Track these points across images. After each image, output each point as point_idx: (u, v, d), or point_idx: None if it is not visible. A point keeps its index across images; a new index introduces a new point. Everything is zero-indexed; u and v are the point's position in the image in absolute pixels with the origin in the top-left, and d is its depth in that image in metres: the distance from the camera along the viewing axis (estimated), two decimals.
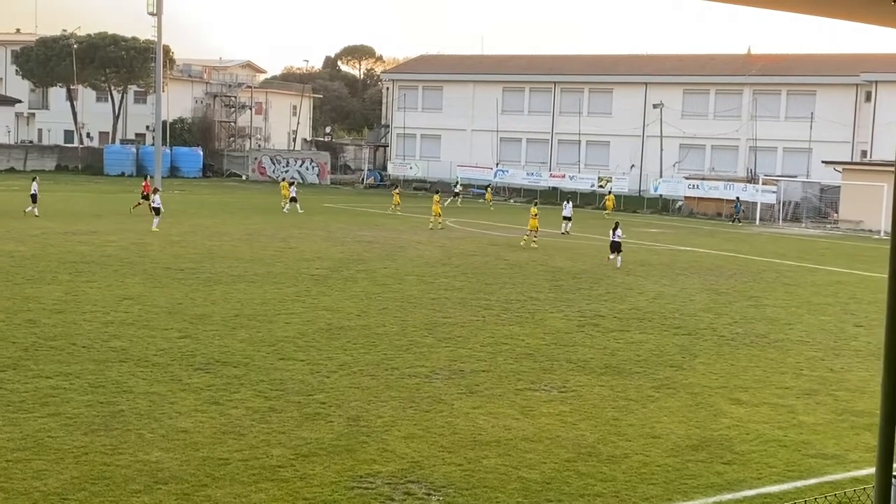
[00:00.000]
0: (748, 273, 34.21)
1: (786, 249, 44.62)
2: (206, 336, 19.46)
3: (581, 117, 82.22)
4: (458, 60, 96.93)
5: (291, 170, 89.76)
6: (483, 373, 17.36)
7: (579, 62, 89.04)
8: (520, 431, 13.89)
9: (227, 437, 13.06)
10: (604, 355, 19.35)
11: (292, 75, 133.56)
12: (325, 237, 40.22)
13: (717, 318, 24.45)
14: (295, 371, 16.85)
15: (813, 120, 72.10)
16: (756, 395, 16.58)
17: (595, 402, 15.67)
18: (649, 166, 78.41)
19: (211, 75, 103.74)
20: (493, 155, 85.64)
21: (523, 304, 25.26)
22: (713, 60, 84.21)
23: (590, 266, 34.10)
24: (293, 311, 22.64)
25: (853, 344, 21.72)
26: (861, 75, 71.14)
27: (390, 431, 13.60)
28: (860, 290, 30.83)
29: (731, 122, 76.87)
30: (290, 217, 50.09)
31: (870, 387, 17.27)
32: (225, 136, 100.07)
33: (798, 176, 70.55)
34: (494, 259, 34.99)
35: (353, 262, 32.41)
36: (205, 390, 15.33)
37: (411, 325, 21.65)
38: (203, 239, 37.44)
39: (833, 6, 6.30)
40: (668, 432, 14.18)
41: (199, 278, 27.24)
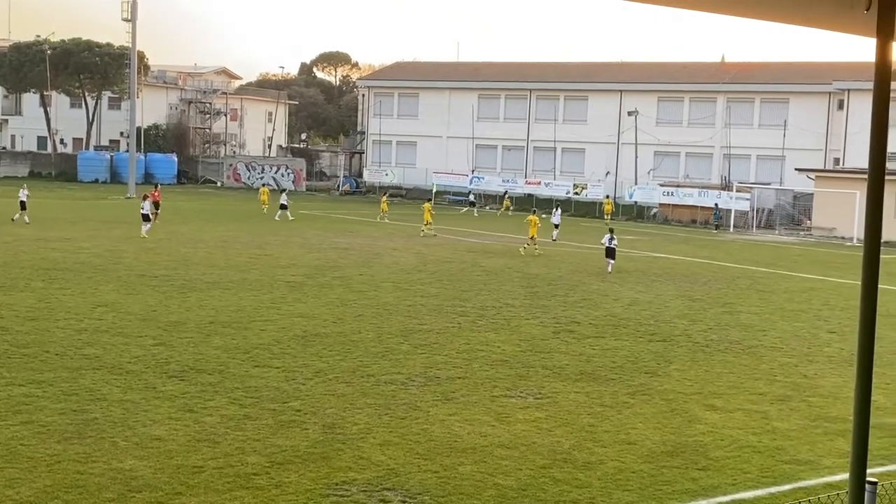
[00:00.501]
0: (722, 280, 34.40)
1: (760, 256, 44.89)
2: (181, 343, 19.36)
3: (556, 124, 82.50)
4: (434, 67, 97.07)
5: (266, 176, 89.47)
6: (459, 379, 17.35)
7: (555, 69, 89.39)
8: (495, 438, 13.89)
9: (202, 444, 12.99)
10: (579, 362, 19.39)
11: (268, 82, 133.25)
12: (301, 244, 40.12)
13: (692, 324, 24.55)
14: (270, 378, 16.79)
15: (786, 128, 72.68)
16: (730, 402, 16.66)
17: (570, 409, 15.70)
18: (624, 173, 78.74)
19: (186, 81, 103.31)
20: (468, 162, 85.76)
21: (499, 310, 25.29)
22: (687, 68, 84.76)
23: (565, 273, 34.18)
24: (268, 318, 22.56)
25: (826, 350, 21.86)
26: (833, 83, 71.78)
27: (366, 439, 13.57)
28: (833, 297, 31.06)
29: (706, 130, 77.35)
30: (266, 224, 49.95)
31: (843, 393, 17.39)
32: (200, 142, 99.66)
33: (771, 183, 71.07)
34: (470, 266, 35.02)
35: (329, 268, 32.35)
36: (179, 398, 15.24)
37: (387, 331, 21.62)
38: (178, 246, 37.25)
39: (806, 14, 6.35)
40: (643, 438, 14.22)
41: (174, 285, 27.10)
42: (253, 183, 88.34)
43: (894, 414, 16.20)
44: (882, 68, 6.10)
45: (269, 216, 55.42)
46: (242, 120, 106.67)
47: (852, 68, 72.56)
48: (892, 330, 24.57)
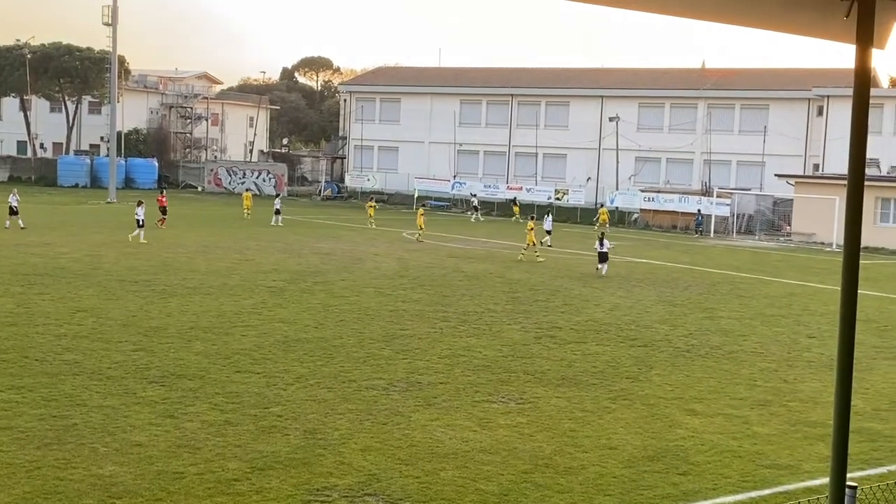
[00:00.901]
0: (703, 285, 34.52)
1: (740, 262, 45.09)
2: (161, 349, 19.28)
3: (538, 130, 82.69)
4: (416, 73, 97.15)
5: (248, 181, 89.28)
6: (440, 385, 17.35)
7: (536, 75, 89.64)
8: (477, 443, 13.89)
9: (182, 450, 12.93)
10: (561, 367, 19.42)
11: (249, 87, 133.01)
12: (282, 249, 40.03)
13: (673, 329, 24.63)
14: (251, 384, 16.73)
15: (766, 134, 73.08)
16: (711, 406, 16.72)
17: (552, 414, 15.71)
18: (605, 179, 78.98)
19: (167, 86, 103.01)
20: (450, 167, 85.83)
21: (481, 315, 25.30)
22: (668, 74, 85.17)
23: (547, 278, 34.23)
24: (249, 324, 22.49)
25: (806, 355, 21.97)
26: (813, 90, 72.24)
27: (347, 444, 13.54)
28: (813, 302, 31.22)
29: (686, 136, 77.68)
30: (247, 229, 49.82)
31: (822, 397, 17.48)
32: (180, 147, 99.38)
33: (752, 189, 71.42)
34: (452, 271, 35.02)
35: (311, 274, 32.29)
36: (159, 403, 15.17)
37: (369, 337, 21.60)
38: (158, 251, 37.11)
39: (786, 21, 6.38)
40: (624, 443, 14.25)
41: (154, 290, 26.99)
42: (234, 188, 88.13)
43: (874, 419, 16.29)
44: (861, 75, 6.14)
45: (252, 221, 55.29)
46: (223, 125, 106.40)
47: (832, 74, 73.09)
48: (872, 335, 24.73)
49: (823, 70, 77.29)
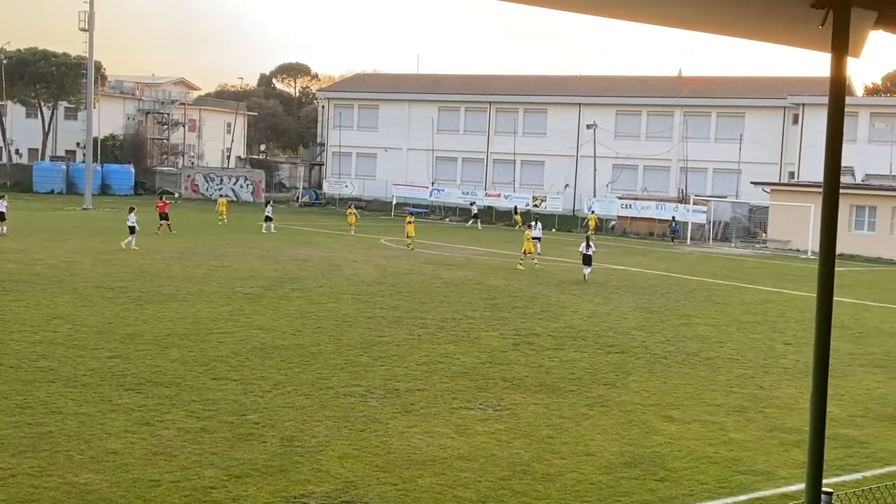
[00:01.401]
0: (680, 292, 34.66)
1: (716, 268, 45.31)
2: (137, 356, 19.17)
3: (516, 137, 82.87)
4: (394, 79, 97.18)
5: (225, 187, 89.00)
6: (418, 392, 17.33)
7: (514, 82, 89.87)
8: (455, 450, 13.88)
9: (158, 458, 12.86)
10: (538, 373, 19.44)
11: (226, 93, 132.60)
12: (260, 255, 39.91)
13: (650, 336, 24.71)
14: (228, 391, 16.66)
15: (742, 141, 73.53)
16: (687, 413, 16.78)
17: (530, 421, 15.73)
18: (583, 186, 79.22)
19: (143, 92, 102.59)
20: (428, 174, 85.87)
21: (459, 322, 25.30)
22: (645, 82, 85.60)
23: (525, 285, 34.28)
24: (226, 331, 22.40)
25: (782, 362, 22.09)
26: (788, 98, 72.78)
27: (324, 451, 13.50)
28: (788, 309, 31.40)
29: (663, 143, 78.04)
30: (224, 235, 49.62)
31: (798, 404, 17.58)
32: (157, 153, 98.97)
33: (728, 196, 71.83)
34: (430, 278, 35.01)
35: (288, 280, 32.20)
36: (135, 411, 15.09)
37: (346, 344, 21.56)
38: (134, 257, 36.92)
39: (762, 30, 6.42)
40: (602, 450, 14.28)
41: (130, 297, 26.85)
42: (211, 194, 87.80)
43: (849, 425, 16.40)
44: (837, 83, 6.19)
45: (229, 228, 55.10)
46: (201, 131, 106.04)
47: (807, 83, 73.66)
48: (847, 342, 24.90)
49: (799, 78, 77.90)
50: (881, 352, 24.12)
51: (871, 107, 73.02)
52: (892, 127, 69.51)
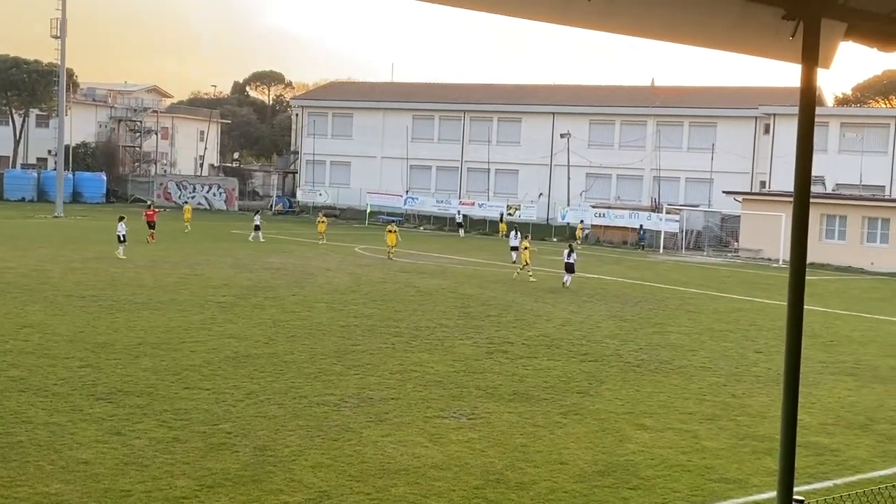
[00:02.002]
0: (653, 300, 34.80)
1: (689, 277, 45.53)
2: (109, 365, 19.03)
3: (490, 146, 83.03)
4: (369, 88, 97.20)
5: (198, 195, 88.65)
6: (392, 400, 17.30)
7: (488, 91, 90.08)
8: (429, 459, 13.86)
9: (130, 468, 12.76)
10: (512, 382, 19.45)
11: (199, 100, 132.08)
12: (233, 264, 39.74)
13: (623, 344, 24.79)
14: (200, 400, 16.57)
15: (714, 151, 74.04)
16: (660, 421, 16.83)
17: (503, 429, 15.73)
18: (557, 194, 79.46)
19: (116, 99, 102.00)
20: (402, 182, 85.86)
21: (433, 330, 25.28)
22: (618, 92, 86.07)
23: (499, 293, 34.32)
24: (198, 339, 22.28)
25: (754, 370, 22.21)
26: (760, 108, 73.38)
27: (297, 461, 13.44)
28: (760, 318, 31.59)
29: (636, 153, 78.43)
30: (196, 243, 49.37)
31: (770, 412, 17.67)
32: (130, 161, 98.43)
33: (700, 205, 72.27)
34: (404, 286, 34.98)
35: (261, 289, 32.08)
36: (107, 420, 14.97)
37: (320, 352, 21.49)
38: (106, 266, 36.67)
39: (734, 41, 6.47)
40: (576, 458, 14.30)
41: (102, 306, 26.65)
42: (184, 202, 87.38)
43: (820, 433, 16.51)
44: (807, 93, 6.24)
45: (200, 235, 54.84)
46: (173, 138, 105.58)
47: (778, 93, 74.32)
48: (818, 350, 25.08)
49: (770, 89, 78.58)
50: (851, 360, 24.31)
51: (841, 117, 73.72)
52: (862, 137, 70.19)
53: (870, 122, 73.08)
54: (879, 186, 68.87)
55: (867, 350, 26.09)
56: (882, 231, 57.80)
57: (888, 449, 15.76)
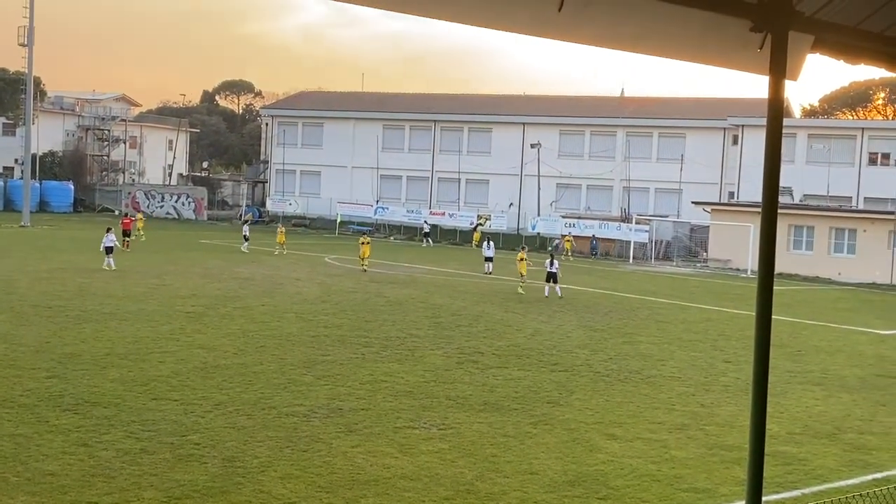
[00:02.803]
0: (623, 310, 34.93)
1: (658, 287, 45.74)
2: (76, 376, 18.84)
3: (461, 155, 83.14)
4: (339, 97, 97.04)
5: (167, 205, 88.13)
6: (362, 411, 17.24)
7: (459, 101, 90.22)
8: (399, 470, 13.82)
9: (97, 479, 12.63)
10: (483, 392, 19.44)
11: (168, 109, 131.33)
12: (202, 274, 39.51)
13: (593, 354, 24.85)
14: (168, 411, 16.44)
15: (683, 161, 74.47)
16: (630, 431, 16.88)
17: (474, 439, 15.71)
18: (527, 204, 79.65)
19: (83, 108, 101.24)
20: (373, 192, 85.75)
21: (403, 341, 25.24)
22: (588, 102, 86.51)
23: (469, 303, 34.32)
24: (167, 350, 22.11)
25: (722, 380, 22.33)
26: (728, 119, 73.95)
27: (266, 472, 13.36)
28: (729, 328, 31.78)
29: (606, 163, 78.77)
30: (165, 253, 49.04)
31: (738, 421, 17.75)
32: (97, 170, 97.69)
33: (669, 215, 72.67)
34: (374, 296, 34.91)
35: (230, 299, 31.90)
36: (73, 432, 14.81)
37: (289, 363, 21.39)
38: (73, 276, 36.35)
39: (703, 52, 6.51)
40: (546, 468, 14.30)
41: (69, 316, 26.41)
42: (153, 212, 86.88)
43: (788, 442, 16.61)
44: (774, 104, 6.29)
45: (161, 244, 54.47)
46: (142, 147, 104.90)
47: (746, 104, 74.95)
48: (786, 359, 25.25)
49: (738, 100, 79.23)
50: (819, 369, 24.49)
51: (808, 128, 74.42)
52: (830, 148, 70.89)
53: (837, 133, 73.84)
54: (846, 197, 69.55)
55: (834, 360, 26.31)
56: (849, 242, 58.36)
57: (855, 458, 15.89)
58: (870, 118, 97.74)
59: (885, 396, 21.38)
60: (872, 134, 72.27)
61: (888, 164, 69.37)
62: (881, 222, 57.53)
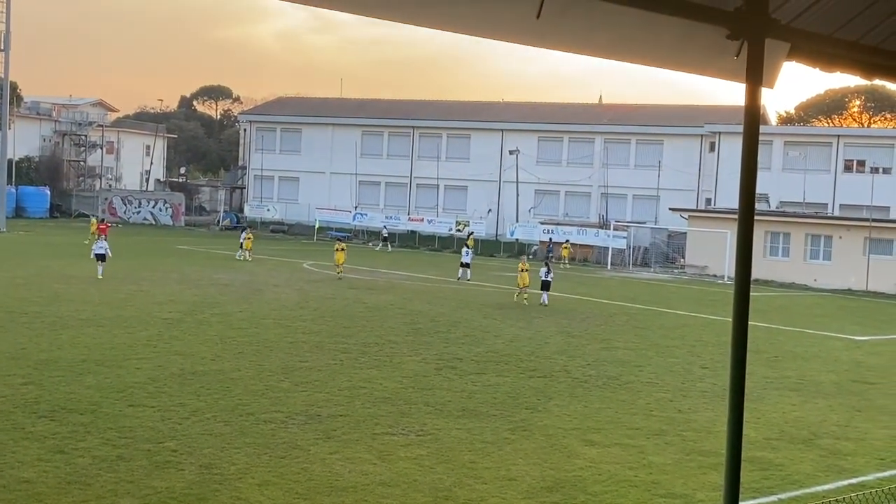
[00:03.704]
0: (600, 316, 35.02)
1: (636, 293, 45.88)
2: (52, 382, 18.71)
3: (439, 162, 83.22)
4: (317, 103, 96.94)
5: (144, 211, 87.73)
6: (340, 417, 17.20)
7: (437, 108, 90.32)
8: (377, 476, 13.79)
9: (73, 486, 12.54)
10: (461, 398, 19.44)
11: (146, 114, 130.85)
12: (179, 280, 39.33)
13: (571, 360, 24.90)
14: (145, 418, 16.34)
15: (661, 168, 74.84)
16: (608, 436, 16.91)
17: (452, 446, 15.70)
18: (506, 211, 79.83)
19: (60, 113, 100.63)
20: (351, 198, 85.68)
21: (381, 347, 25.21)
22: (566, 109, 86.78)
23: (448, 309, 34.32)
24: (144, 356, 22.00)
25: (699, 385, 22.42)
26: (705, 126, 74.38)
27: (244, 479, 13.31)
28: (706, 333, 31.91)
29: (584, 169, 79.06)
30: (143, 259, 48.79)
31: (716, 427, 17.82)
32: (74, 175, 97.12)
33: (647, 222, 72.98)
34: (353, 302, 34.86)
35: (208, 305, 31.78)
36: (49, 438, 14.71)
37: (268, 369, 21.32)
38: (49, 282, 36.11)
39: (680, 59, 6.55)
40: (524, 474, 14.31)
41: (45, 322, 26.23)
42: (130, 217, 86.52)
43: (765, 448, 16.69)
44: (751, 112, 6.33)
45: (138, 250, 54.18)
46: (119, 153, 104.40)
47: (723, 111, 75.46)
48: (762, 365, 25.38)
49: (715, 107, 79.76)
50: (795, 375, 24.63)
51: (784, 135, 75.01)
52: (805, 155, 71.40)
53: (813, 140, 74.41)
54: (822, 204, 70.05)
55: (810, 366, 26.47)
56: (825, 248, 58.75)
57: (831, 463, 15.99)
58: (845, 126, 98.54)
59: (860, 402, 21.53)
60: (848, 141, 72.90)
61: (863, 171, 69.95)
62: (857, 229, 57.96)
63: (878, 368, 26.66)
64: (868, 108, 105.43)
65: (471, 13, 5.64)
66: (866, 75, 7.88)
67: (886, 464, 16.10)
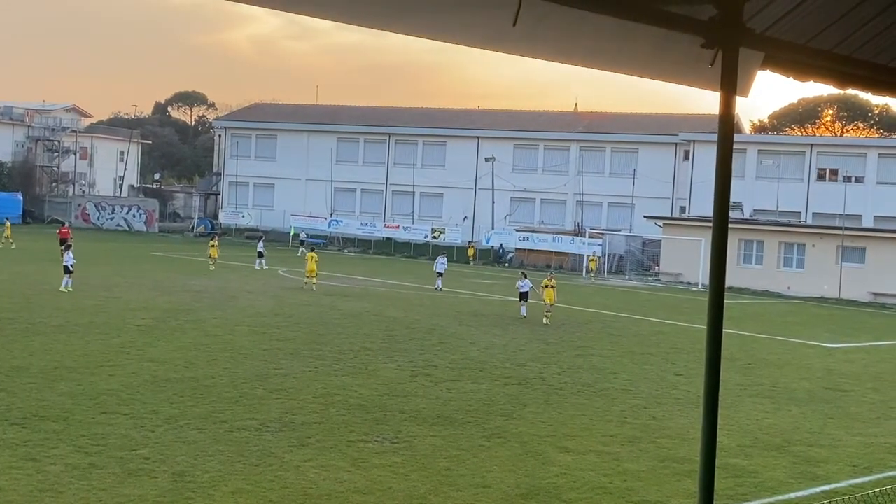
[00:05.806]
0: (576, 324, 35.09)
1: (611, 300, 46.02)
2: (23, 389, 18.53)
3: (415, 169, 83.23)
4: (293, 109, 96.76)
5: (118, 217, 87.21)
6: (315, 425, 17.14)
7: (413, 115, 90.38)
8: (351, 484, 13.75)
9: (45, 494, 12.43)
10: (436, 405, 19.42)
11: (120, 120, 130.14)
12: (153, 286, 39.10)
13: (546, 367, 24.93)
14: (118, 425, 16.22)
15: (635, 176, 75.17)
16: (583, 444, 16.94)
17: (427, 453, 15.67)
18: (481, 218, 79.93)
19: (33, 118, 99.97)
20: (327, 205, 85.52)
21: (356, 354, 25.15)
22: (542, 117, 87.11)
23: (423, 316, 34.29)
24: (117, 363, 21.84)
25: (674, 392, 22.50)
26: (680, 135, 74.79)
27: (217, 487, 13.22)
28: (680, 341, 32.05)
29: (560, 177, 79.29)
30: (116, 265, 48.47)
31: (690, 434, 17.88)
32: (47, 181, 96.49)
33: (622, 229, 73.28)
34: (328, 309, 34.76)
35: (182, 312, 31.60)
36: (21, 446, 14.57)
37: (242, 376, 21.21)
38: (21, 288, 35.81)
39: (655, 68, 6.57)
40: (499, 481, 14.30)
41: (17, 329, 25.99)
42: (103, 223, 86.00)
43: (738, 455, 16.76)
44: (725, 120, 6.36)
45: (111, 256, 53.81)
46: (93, 159, 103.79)
47: (697, 120, 75.92)
48: (736, 373, 25.50)
49: (690, 115, 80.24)
50: (769, 382, 24.77)
51: (758, 144, 75.51)
52: (779, 164, 71.90)
53: (786, 149, 74.96)
54: (795, 212, 70.57)
55: (783, 373, 26.63)
56: (798, 256, 59.17)
57: (804, 470, 16.07)
58: (818, 134, 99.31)
59: (832, 409, 21.67)
60: (821, 150, 73.49)
61: (836, 180, 70.49)
62: (829, 237, 58.41)
63: (850, 376, 26.86)
64: (841, 117, 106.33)
65: (447, 20, 5.64)
66: (839, 84, 7.94)
67: (859, 470, 16.21)
